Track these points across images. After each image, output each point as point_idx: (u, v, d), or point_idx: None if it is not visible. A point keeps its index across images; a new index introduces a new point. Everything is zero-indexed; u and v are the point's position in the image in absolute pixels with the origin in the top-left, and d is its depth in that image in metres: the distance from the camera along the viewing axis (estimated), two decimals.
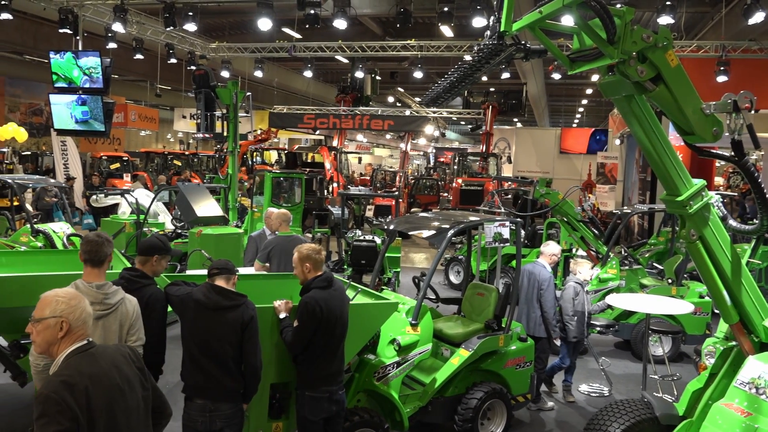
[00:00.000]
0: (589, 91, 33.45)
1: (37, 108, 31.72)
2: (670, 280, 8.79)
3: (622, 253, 9.66)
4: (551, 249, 6.70)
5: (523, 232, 9.85)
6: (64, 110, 13.29)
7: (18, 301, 4.92)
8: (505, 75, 20.27)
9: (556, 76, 19.38)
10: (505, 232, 6.04)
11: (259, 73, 23.43)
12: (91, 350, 2.57)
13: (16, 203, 11.30)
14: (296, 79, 32.28)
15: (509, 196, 18.66)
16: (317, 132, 27.14)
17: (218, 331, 3.89)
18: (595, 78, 25.21)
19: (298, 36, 22.66)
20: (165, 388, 4.19)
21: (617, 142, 23.08)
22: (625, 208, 13.75)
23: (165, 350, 4.15)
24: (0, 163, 24.08)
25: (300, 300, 4.27)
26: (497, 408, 5.63)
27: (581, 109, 41.82)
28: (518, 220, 6.40)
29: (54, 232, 8.87)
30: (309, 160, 25.03)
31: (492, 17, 11.41)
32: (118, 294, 3.68)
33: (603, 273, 8.72)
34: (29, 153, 26.70)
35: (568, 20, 3.87)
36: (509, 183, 18.93)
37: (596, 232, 9.82)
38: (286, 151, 28.95)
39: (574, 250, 10.11)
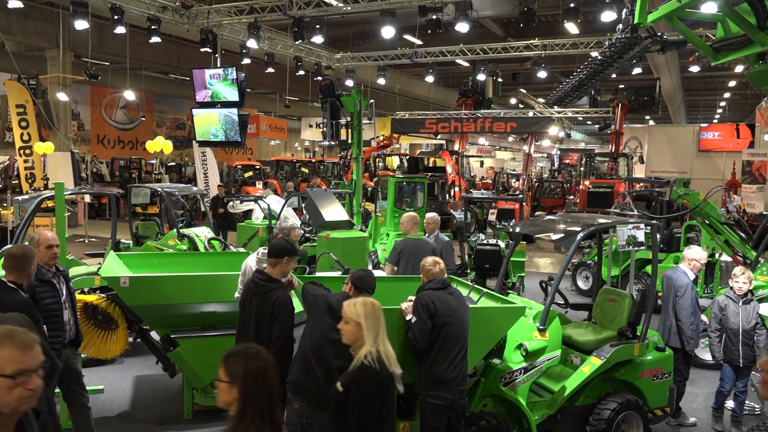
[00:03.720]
0: (732, 84, 30.93)
1: (181, 122, 34.53)
2: None
3: None
4: (693, 254, 6.18)
5: (658, 236, 9.27)
6: (204, 123, 14.34)
7: (168, 299, 5.38)
8: (637, 70, 19.26)
9: (694, 68, 18.05)
10: (640, 236, 5.70)
11: (381, 81, 23.94)
12: None
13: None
14: (417, 85, 32.63)
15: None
16: (438, 136, 27.25)
17: (334, 338, 3.88)
18: (740, 69, 23.27)
19: (419, 42, 22.90)
20: None
21: (767, 137, 21.11)
22: None
23: (292, 352, 4.28)
24: (150, 173, 26.47)
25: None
26: (632, 420, 5.32)
27: (723, 104, 38.70)
28: (654, 222, 6.01)
29: (197, 236, 9.57)
30: (430, 165, 25.14)
31: (624, 10, 10.86)
32: None
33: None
34: (174, 164, 29.11)
35: (709, 7, 3.62)
36: (641, 184, 17.89)
37: (743, 235, 9.03)
38: (407, 156, 29.29)
39: (717, 255, 9.37)
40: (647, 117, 35.34)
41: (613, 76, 23.18)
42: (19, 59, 18.01)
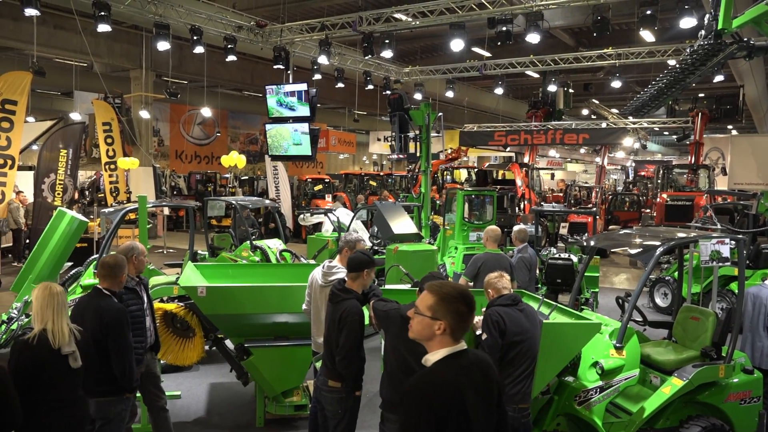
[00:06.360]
0: None
1: (253, 137, 35.58)
2: None
3: None
4: None
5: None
6: (277, 138, 14.72)
7: (242, 308, 5.52)
8: (718, 78, 18.44)
9: None
10: (725, 251, 5.42)
11: (450, 94, 23.89)
12: None
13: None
14: (486, 97, 32.40)
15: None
16: (508, 149, 26.92)
17: (419, 351, 3.89)
18: None
19: (487, 54, 22.76)
20: (365, 397, 4.39)
21: None
22: None
23: (362, 361, 4.30)
24: (224, 187, 27.37)
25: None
26: None
27: None
28: (740, 237, 5.71)
29: (269, 248, 9.81)
30: (499, 178, 24.83)
31: (706, 16, 10.42)
32: (336, 275, 4.82)
33: None
34: (246, 177, 29.99)
35: None
36: (723, 197, 17.07)
37: None
38: (476, 169, 29.07)
39: None
40: (729, 126, 33.75)
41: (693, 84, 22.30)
42: (105, 79, 19.12)
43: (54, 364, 3.58)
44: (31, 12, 12.57)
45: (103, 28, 13.79)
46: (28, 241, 14.56)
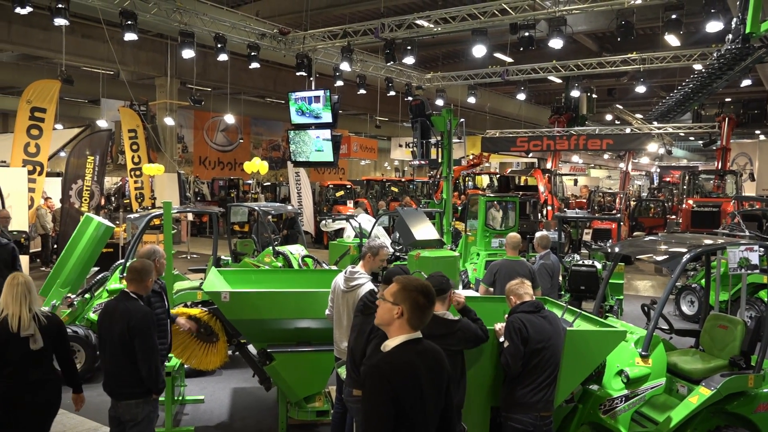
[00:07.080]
0: None
1: (276, 144, 35.82)
2: None
3: None
4: None
5: None
6: (300, 144, 14.81)
7: (265, 314, 5.55)
8: (746, 82, 18.14)
9: None
10: (754, 258, 5.31)
11: (471, 100, 23.83)
12: None
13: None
14: (508, 103, 32.27)
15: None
16: (530, 154, 26.77)
17: (453, 350, 3.86)
18: None
19: (510, 60, 22.68)
20: None
21: None
22: None
23: None
24: (246, 193, 27.61)
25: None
26: None
27: None
28: None
29: (291, 253, 9.85)
30: (522, 184, 24.68)
31: (734, 19, 10.26)
32: (358, 281, 4.82)
33: None
34: (269, 183, 30.20)
35: None
36: (750, 203, 16.74)
37: None
38: (498, 175, 28.94)
39: None
40: (757, 131, 33.19)
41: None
42: (131, 87, 19.44)
43: (14, 345, 3.96)
44: (60, 22, 12.84)
45: (130, 36, 14.02)
46: (55, 246, 14.84)
